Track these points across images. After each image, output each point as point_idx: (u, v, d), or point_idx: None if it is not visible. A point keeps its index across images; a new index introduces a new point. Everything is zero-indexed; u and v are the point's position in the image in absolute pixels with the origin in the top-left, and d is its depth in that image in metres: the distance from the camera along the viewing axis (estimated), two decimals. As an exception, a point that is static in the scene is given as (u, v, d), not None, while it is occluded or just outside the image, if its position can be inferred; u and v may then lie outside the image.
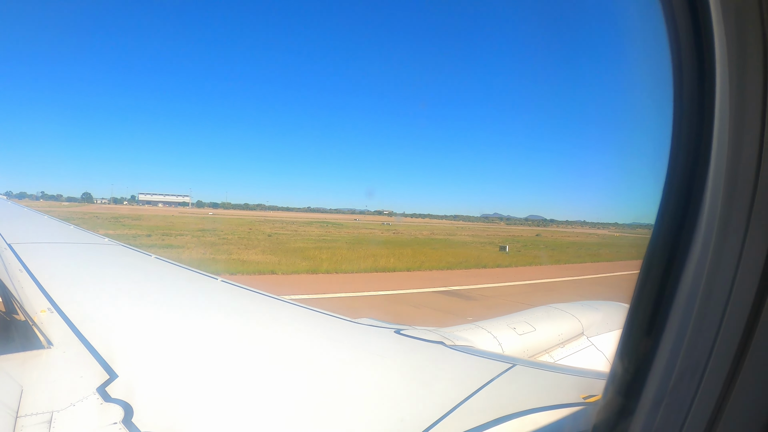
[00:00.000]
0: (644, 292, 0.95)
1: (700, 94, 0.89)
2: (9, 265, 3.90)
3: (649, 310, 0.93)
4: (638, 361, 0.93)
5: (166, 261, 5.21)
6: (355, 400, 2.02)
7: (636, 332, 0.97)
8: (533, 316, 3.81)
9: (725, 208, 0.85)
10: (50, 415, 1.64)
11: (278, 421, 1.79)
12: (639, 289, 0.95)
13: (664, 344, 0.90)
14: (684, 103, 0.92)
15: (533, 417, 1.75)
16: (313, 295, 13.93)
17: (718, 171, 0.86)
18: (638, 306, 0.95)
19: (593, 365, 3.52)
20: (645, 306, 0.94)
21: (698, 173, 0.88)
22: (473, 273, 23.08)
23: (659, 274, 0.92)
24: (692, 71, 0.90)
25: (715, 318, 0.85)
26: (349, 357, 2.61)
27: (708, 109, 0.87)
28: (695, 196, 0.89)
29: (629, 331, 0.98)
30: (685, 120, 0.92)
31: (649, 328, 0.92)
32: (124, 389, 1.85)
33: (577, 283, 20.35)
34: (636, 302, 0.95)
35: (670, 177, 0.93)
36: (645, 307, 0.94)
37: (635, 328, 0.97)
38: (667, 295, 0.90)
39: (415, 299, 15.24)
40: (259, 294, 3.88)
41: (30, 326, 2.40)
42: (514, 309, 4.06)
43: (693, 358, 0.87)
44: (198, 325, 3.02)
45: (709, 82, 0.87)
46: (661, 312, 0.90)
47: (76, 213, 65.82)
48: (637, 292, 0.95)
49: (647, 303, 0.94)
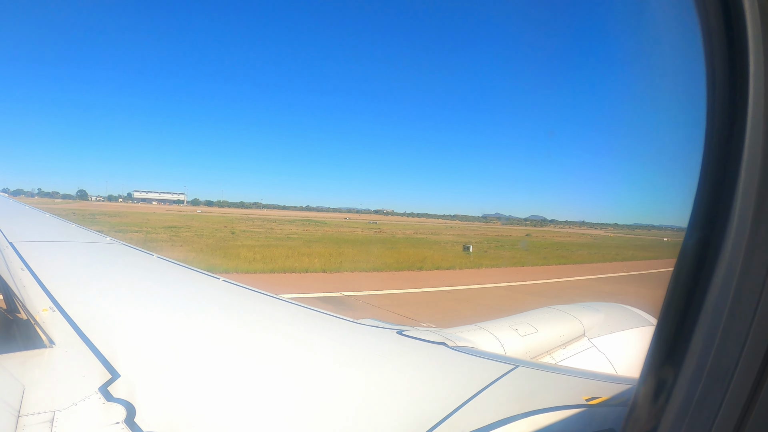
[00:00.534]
0: (674, 297, 0.95)
1: (732, 92, 0.88)
2: (11, 263, 3.83)
3: (678, 316, 0.93)
4: (667, 367, 0.94)
5: (168, 260, 5.12)
6: (357, 400, 1.99)
7: (666, 337, 0.97)
8: (535, 318, 3.79)
9: (756, 212, 0.85)
10: (52, 415, 1.61)
11: (281, 422, 1.78)
12: (669, 295, 0.95)
13: (692, 350, 0.89)
14: (716, 102, 0.91)
15: (536, 418, 1.74)
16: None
17: (749, 174, 0.86)
18: (668, 312, 0.95)
19: (594, 366, 3.50)
20: (674, 312, 0.94)
21: (729, 177, 0.87)
22: (402, 276, 21.98)
23: (689, 279, 0.92)
24: (724, 70, 0.89)
25: (744, 324, 0.86)
26: (351, 358, 2.59)
27: (740, 109, 0.86)
28: (725, 200, 0.88)
29: (659, 336, 0.97)
30: (716, 121, 0.91)
31: (677, 333, 0.92)
32: (127, 389, 1.82)
33: (504, 290, 18.98)
34: (666, 307, 0.96)
35: (703, 180, 0.93)
36: (674, 312, 0.94)
37: (665, 333, 0.97)
38: (696, 300, 0.90)
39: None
40: (261, 294, 3.84)
41: (32, 325, 2.37)
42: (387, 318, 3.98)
43: (721, 365, 0.87)
44: (200, 325, 2.98)
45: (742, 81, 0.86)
46: (689, 318, 0.90)
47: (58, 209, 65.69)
48: (668, 297, 0.95)
49: (677, 309, 0.94)
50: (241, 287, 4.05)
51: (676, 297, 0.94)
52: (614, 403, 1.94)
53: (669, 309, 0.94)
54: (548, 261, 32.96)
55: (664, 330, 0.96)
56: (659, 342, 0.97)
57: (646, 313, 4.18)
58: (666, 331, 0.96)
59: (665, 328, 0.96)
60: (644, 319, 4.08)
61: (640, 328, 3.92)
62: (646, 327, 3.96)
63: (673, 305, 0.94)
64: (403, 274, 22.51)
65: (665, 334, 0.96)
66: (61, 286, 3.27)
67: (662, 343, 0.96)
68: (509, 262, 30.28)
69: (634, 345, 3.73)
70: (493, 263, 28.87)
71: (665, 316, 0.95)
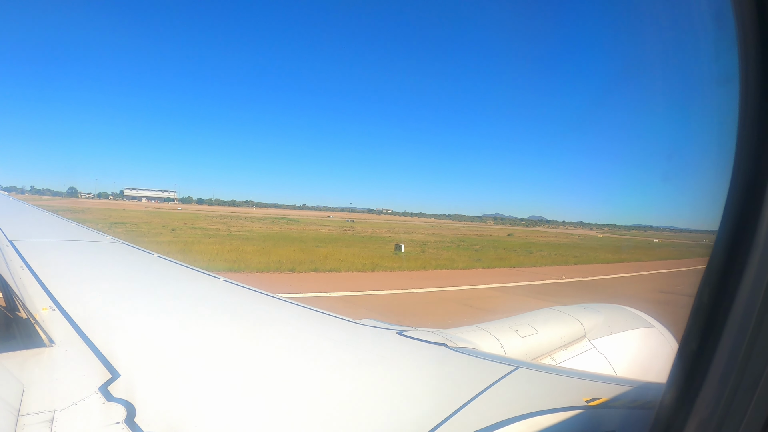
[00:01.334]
0: (702, 302, 0.94)
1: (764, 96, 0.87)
2: (11, 262, 3.82)
3: (707, 318, 0.92)
4: (695, 369, 0.93)
5: (168, 260, 5.12)
6: (357, 401, 1.98)
7: (692, 344, 0.95)
8: (536, 319, 3.76)
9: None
10: (52, 414, 1.60)
11: (280, 421, 1.77)
12: (698, 299, 0.94)
13: (718, 359, 0.89)
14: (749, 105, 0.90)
15: (536, 420, 1.74)
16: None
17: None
18: (696, 317, 0.95)
19: (595, 368, 3.49)
20: (702, 317, 0.93)
21: (760, 180, 0.86)
22: (290, 276, 20.59)
23: (719, 281, 0.91)
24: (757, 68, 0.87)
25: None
26: (352, 358, 2.57)
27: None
28: (756, 201, 0.87)
29: (687, 342, 0.97)
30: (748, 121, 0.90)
31: (706, 335, 0.91)
32: (127, 388, 1.82)
33: (361, 299, 16.80)
34: (695, 312, 0.95)
35: (735, 180, 0.91)
36: (702, 318, 0.93)
37: (692, 339, 0.96)
38: (726, 302, 0.89)
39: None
40: (262, 294, 3.81)
41: (32, 324, 2.35)
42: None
43: (750, 368, 0.86)
44: (200, 324, 2.95)
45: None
46: (719, 320, 0.89)
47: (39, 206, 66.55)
48: (697, 302, 0.95)
49: (706, 310, 0.93)
50: (242, 287, 4.03)
51: (704, 302, 0.93)
52: (615, 404, 1.93)
53: (697, 314, 0.93)
54: (483, 264, 30.70)
55: (691, 336, 0.95)
56: (686, 349, 0.95)
57: (646, 315, 4.15)
58: (693, 338, 0.94)
59: (692, 334, 0.94)
60: (645, 320, 4.06)
61: (641, 329, 3.91)
62: (646, 329, 3.92)
63: (702, 310, 0.93)
64: (271, 275, 20.48)
65: (692, 341, 0.94)
66: (61, 285, 3.26)
67: (689, 351, 0.95)
68: (433, 264, 28.15)
69: (634, 347, 3.66)
70: (410, 266, 26.90)
71: (693, 321, 0.94)
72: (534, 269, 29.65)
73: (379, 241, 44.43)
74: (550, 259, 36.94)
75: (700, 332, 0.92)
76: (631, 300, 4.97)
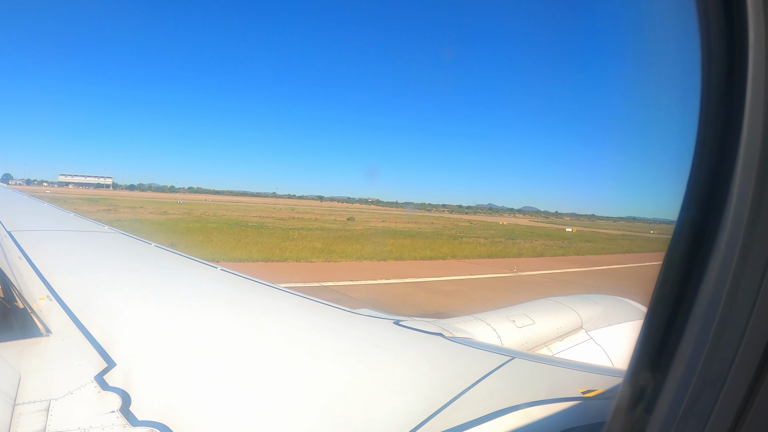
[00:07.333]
0: (663, 295, 0.90)
1: (729, 85, 0.84)
2: (9, 252, 3.87)
3: (667, 315, 0.88)
4: (654, 369, 0.89)
5: (165, 249, 5.15)
6: (353, 390, 2.01)
7: (653, 338, 0.91)
8: (533, 309, 3.78)
9: (754, 206, 0.81)
10: (48, 403, 1.62)
11: (277, 410, 1.79)
12: (657, 292, 0.90)
13: (682, 352, 0.85)
14: (711, 95, 0.87)
15: (531, 410, 1.74)
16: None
17: (746, 168, 0.81)
18: (657, 307, 0.90)
19: (591, 359, 3.49)
20: (663, 310, 0.89)
21: (724, 170, 0.83)
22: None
23: (679, 277, 0.87)
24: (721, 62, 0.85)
25: (739, 326, 0.82)
26: (348, 347, 2.61)
27: (738, 100, 0.82)
28: (720, 194, 0.83)
29: (646, 336, 0.93)
30: (711, 114, 0.87)
31: (667, 333, 0.88)
32: (122, 378, 1.83)
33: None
34: (654, 306, 0.91)
35: (695, 173, 0.88)
36: (663, 311, 0.89)
37: (652, 332, 0.92)
38: (688, 299, 0.85)
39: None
40: (259, 283, 3.86)
41: (29, 314, 2.38)
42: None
43: (713, 368, 0.83)
44: (196, 314, 2.99)
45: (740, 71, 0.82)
46: (680, 317, 0.86)
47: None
48: (656, 294, 0.90)
49: (666, 307, 0.89)
50: (239, 276, 4.06)
51: (666, 291, 0.89)
52: (611, 396, 1.92)
53: (658, 304, 0.89)
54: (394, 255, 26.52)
55: (652, 326, 0.91)
56: (646, 340, 0.92)
57: (644, 306, 4.13)
58: (654, 328, 0.91)
59: (653, 325, 0.91)
60: (643, 312, 4.08)
61: (639, 321, 3.91)
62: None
63: (663, 300, 0.89)
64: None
65: (653, 331, 0.91)
66: (59, 274, 3.27)
67: (650, 341, 0.91)
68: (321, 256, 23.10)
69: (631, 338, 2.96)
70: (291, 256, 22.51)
71: (654, 311, 0.90)
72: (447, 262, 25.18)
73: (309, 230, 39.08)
74: (473, 253, 30.47)
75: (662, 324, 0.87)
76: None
